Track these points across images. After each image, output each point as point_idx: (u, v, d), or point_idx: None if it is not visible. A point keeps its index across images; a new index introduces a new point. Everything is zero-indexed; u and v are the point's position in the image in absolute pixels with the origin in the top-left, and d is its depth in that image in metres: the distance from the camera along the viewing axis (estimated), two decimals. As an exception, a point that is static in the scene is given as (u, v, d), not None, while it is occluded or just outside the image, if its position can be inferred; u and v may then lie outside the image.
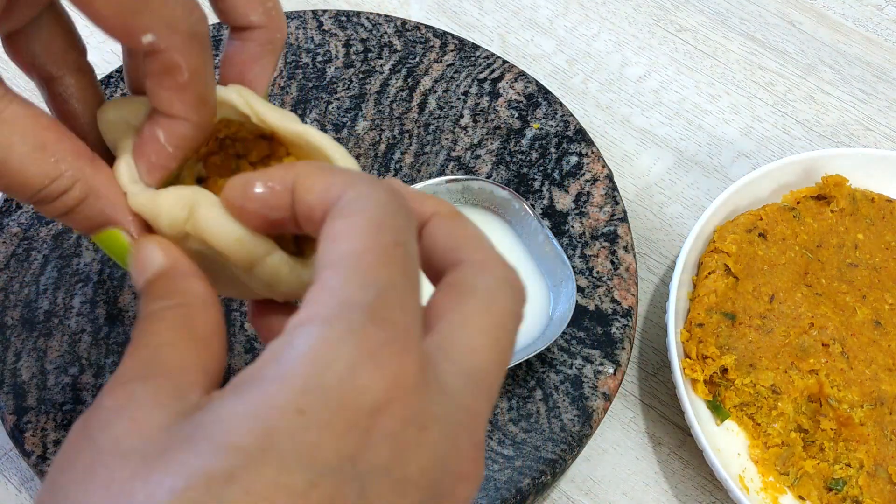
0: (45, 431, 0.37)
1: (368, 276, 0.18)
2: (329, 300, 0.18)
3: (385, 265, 0.18)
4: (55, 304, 0.40)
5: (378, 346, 0.17)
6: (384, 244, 0.19)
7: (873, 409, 0.39)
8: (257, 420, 0.16)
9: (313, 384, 0.16)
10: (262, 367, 0.17)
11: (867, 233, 0.44)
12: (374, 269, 0.18)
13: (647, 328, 0.44)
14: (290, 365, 0.17)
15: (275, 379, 0.17)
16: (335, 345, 0.17)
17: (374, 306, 0.18)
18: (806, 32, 0.55)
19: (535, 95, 0.48)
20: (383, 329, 0.18)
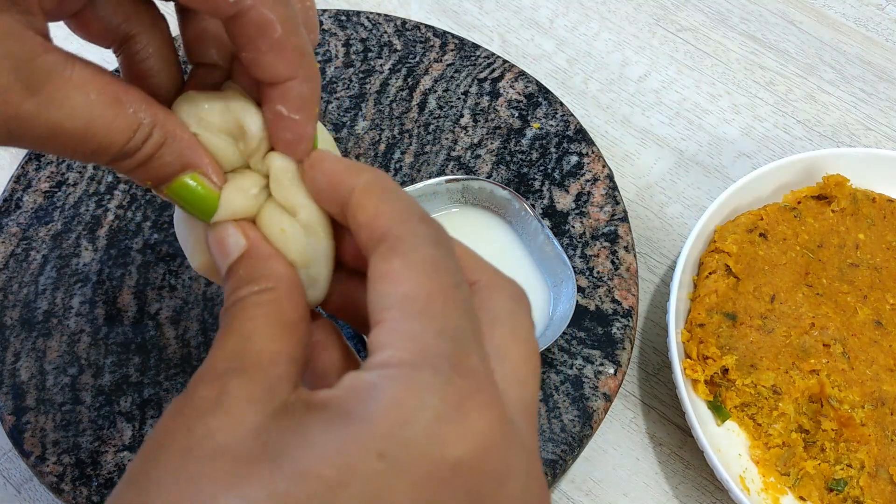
0: (45, 432, 0.37)
1: (441, 323, 0.19)
2: (409, 346, 0.18)
3: (452, 309, 0.19)
4: (54, 304, 0.40)
5: (463, 397, 0.18)
6: (445, 286, 0.19)
7: (874, 410, 0.38)
8: (340, 455, 0.17)
9: (398, 431, 0.17)
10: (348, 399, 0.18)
11: (868, 233, 0.44)
12: (444, 313, 0.19)
13: (647, 328, 0.44)
14: (376, 408, 0.17)
15: (361, 417, 0.17)
16: (421, 394, 0.17)
17: (455, 355, 0.18)
18: (807, 32, 0.55)
19: (535, 95, 0.48)
20: (466, 379, 0.18)
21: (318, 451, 0.17)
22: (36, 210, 0.43)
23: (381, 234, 0.20)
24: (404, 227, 0.20)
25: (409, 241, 0.20)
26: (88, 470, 0.36)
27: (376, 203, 0.21)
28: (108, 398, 0.38)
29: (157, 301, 0.40)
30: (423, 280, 0.19)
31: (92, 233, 0.42)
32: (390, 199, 0.21)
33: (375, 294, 0.19)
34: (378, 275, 0.20)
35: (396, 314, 0.19)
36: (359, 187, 0.21)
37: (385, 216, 0.20)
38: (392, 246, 0.20)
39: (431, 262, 0.19)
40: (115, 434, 0.37)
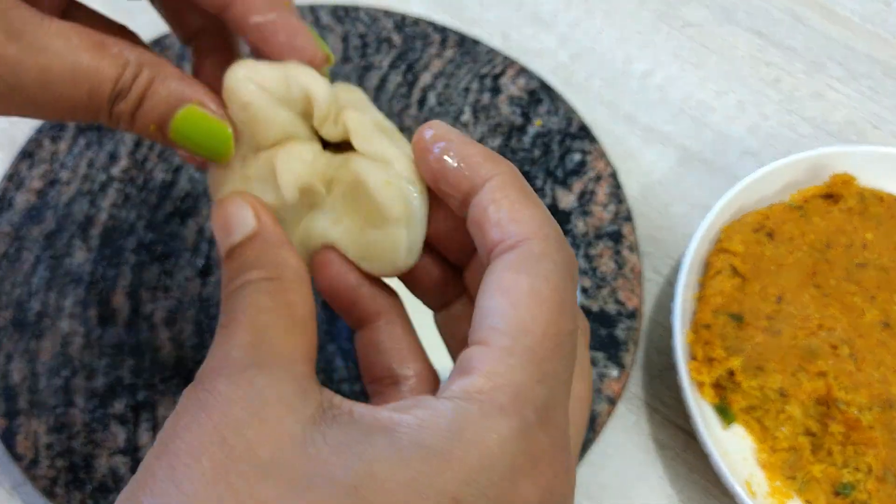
0: (37, 435, 0.37)
1: (545, 368, 0.18)
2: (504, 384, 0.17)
3: (559, 358, 0.18)
4: (47, 304, 0.40)
5: (541, 453, 0.17)
6: (563, 332, 0.18)
7: (882, 412, 0.38)
8: (415, 496, 0.16)
9: (476, 477, 0.16)
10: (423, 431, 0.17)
11: (876, 232, 0.43)
12: (550, 361, 0.18)
13: (652, 330, 0.44)
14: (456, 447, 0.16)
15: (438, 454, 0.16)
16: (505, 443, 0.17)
17: (546, 407, 0.17)
18: (813, 28, 0.54)
19: (537, 92, 0.47)
20: (549, 434, 0.17)
21: (389, 488, 0.16)
22: (28, 209, 0.42)
23: (514, 242, 0.19)
24: (542, 245, 0.19)
25: (544, 263, 0.18)
26: (82, 474, 0.36)
27: (513, 203, 0.19)
28: (102, 401, 0.37)
29: (152, 302, 0.40)
30: (545, 316, 0.18)
31: (85, 232, 0.42)
32: (530, 204, 0.20)
33: (489, 304, 0.18)
34: (499, 285, 0.18)
35: (503, 341, 0.18)
36: (496, 179, 0.20)
37: (524, 222, 0.19)
38: (525, 260, 0.18)
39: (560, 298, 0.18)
40: (108, 437, 0.37)
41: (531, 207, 0.20)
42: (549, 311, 0.18)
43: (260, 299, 0.19)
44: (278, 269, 0.20)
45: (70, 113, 0.21)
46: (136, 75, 0.21)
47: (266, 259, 0.20)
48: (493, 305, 0.18)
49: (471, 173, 0.20)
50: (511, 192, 0.20)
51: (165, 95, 0.21)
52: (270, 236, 0.21)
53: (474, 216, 0.20)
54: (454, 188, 0.21)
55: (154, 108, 0.21)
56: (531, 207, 0.20)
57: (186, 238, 0.42)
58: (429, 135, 0.21)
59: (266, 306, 0.19)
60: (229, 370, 0.18)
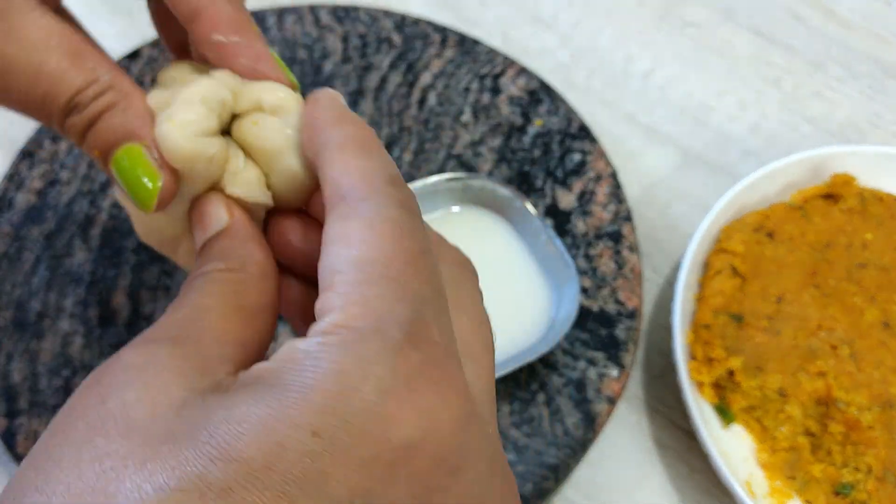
0: (37, 435, 0.36)
1: (402, 287, 0.16)
2: (360, 310, 0.16)
3: (415, 275, 0.17)
4: (47, 304, 0.40)
5: (415, 371, 0.16)
6: (411, 251, 0.17)
7: (882, 412, 0.38)
8: (267, 433, 0.14)
9: (336, 405, 0.15)
10: (282, 370, 0.16)
11: (876, 232, 0.43)
12: (406, 279, 0.17)
13: (652, 330, 0.44)
14: (313, 378, 0.15)
15: (294, 389, 0.15)
16: (367, 364, 0.15)
17: (412, 323, 0.16)
18: (814, 28, 0.54)
19: (537, 91, 0.47)
20: (421, 350, 0.16)
21: (240, 429, 0.15)
22: (28, 209, 0.42)
23: (343, 193, 0.18)
24: (369, 187, 0.18)
25: (372, 201, 0.18)
26: (82, 474, 0.36)
27: (347, 159, 0.19)
28: (102, 401, 0.37)
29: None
30: (384, 242, 0.17)
31: (85, 232, 0.42)
32: (362, 157, 0.19)
33: (328, 256, 0.17)
34: (333, 236, 0.18)
35: (350, 277, 0.17)
36: (335, 139, 0.19)
37: (352, 174, 0.18)
38: (353, 206, 0.18)
39: (395, 224, 0.17)
40: (108, 438, 0.37)
41: (362, 159, 0.19)
42: (390, 236, 0.17)
43: (211, 286, 0.19)
44: (241, 262, 0.20)
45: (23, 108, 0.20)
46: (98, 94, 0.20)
47: (231, 252, 0.20)
48: (332, 253, 0.17)
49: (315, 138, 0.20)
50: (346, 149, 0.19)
51: (118, 125, 0.21)
52: (240, 231, 0.21)
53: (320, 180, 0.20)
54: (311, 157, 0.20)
55: (103, 133, 0.21)
56: (362, 159, 0.19)
57: (186, 238, 0.42)
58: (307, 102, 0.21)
59: (213, 291, 0.19)
60: (141, 341, 0.17)
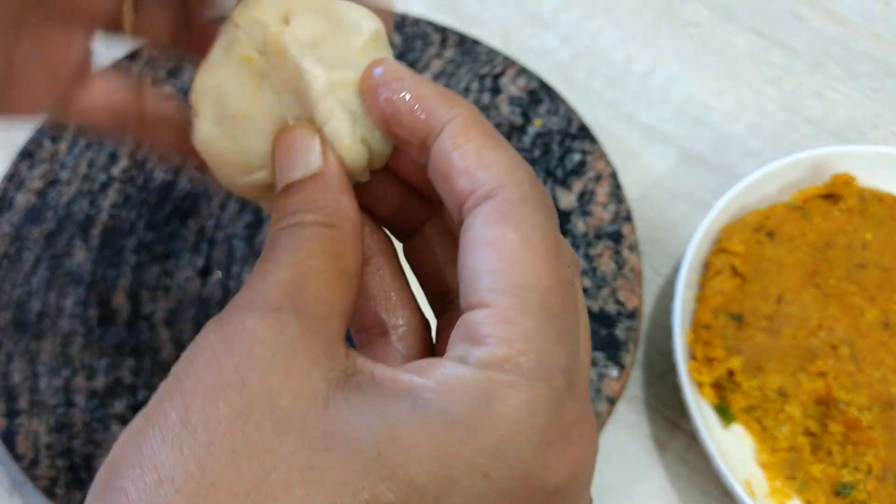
0: (37, 435, 0.36)
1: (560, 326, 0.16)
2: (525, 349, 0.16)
3: (568, 310, 0.17)
4: (47, 305, 0.40)
5: (571, 423, 0.16)
6: (563, 281, 0.17)
7: (882, 413, 0.38)
8: (441, 466, 0.15)
9: (507, 451, 0.15)
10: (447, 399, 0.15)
11: (876, 232, 0.43)
12: (563, 318, 0.17)
13: (652, 330, 0.44)
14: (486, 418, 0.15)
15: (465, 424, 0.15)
16: (536, 412, 0.16)
17: (570, 370, 0.16)
18: (814, 28, 0.54)
19: (537, 92, 0.47)
20: (577, 401, 0.17)
21: (413, 455, 0.15)
22: (28, 209, 0.42)
23: (488, 191, 0.17)
24: (518, 190, 0.17)
25: (525, 209, 0.17)
26: (82, 474, 0.36)
27: (478, 147, 0.18)
28: (102, 401, 0.37)
29: (152, 302, 0.40)
30: (543, 268, 0.16)
31: (85, 232, 0.42)
32: (497, 145, 0.18)
33: (478, 263, 0.17)
34: (484, 241, 0.17)
35: (512, 303, 0.16)
36: (456, 121, 0.18)
37: (493, 168, 0.17)
38: (504, 210, 0.17)
39: (553, 245, 0.17)
40: (108, 438, 0.37)
41: (498, 149, 0.18)
42: (546, 261, 0.17)
43: (311, 243, 0.18)
44: (337, 217, 0.18)
45: None
46: None
47: (326, 203, 0.18)
48: (483, 264, 0.17)
49: (427, 116, 0.18)
50: (474, 134, 0.18)
51: None
52: (334, 180, 0.19)
53: (437, 164, 0.18)
54: (410, 133, 0.19)
55: None
56: (498, 149, 0.18)
57: (186, 238, 0.42)
58: (377, 73, 0.19)
59: (316, 250, 0.18)
60: (262, 307, 0.16)
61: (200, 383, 0.15)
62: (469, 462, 0.15)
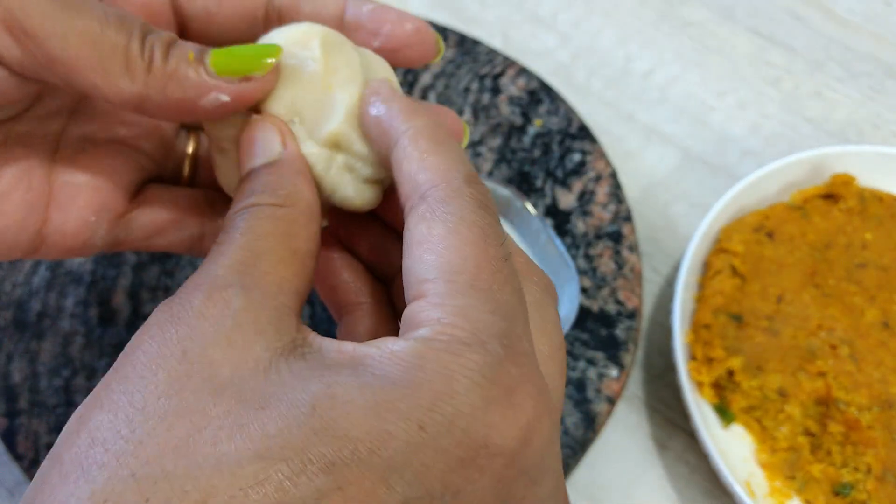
0: (38, 435, 0.36)
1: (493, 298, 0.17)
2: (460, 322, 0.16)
3: (503, 284, 0.17)
4: (47, 304, 0.40)
5: (515, 384, 0.16)
6: (494, 258, 0.17)
7: (882, 412, 0.38)
8: (376, 419, 0.15)
9: (444, 406, 0.15)
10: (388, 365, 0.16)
11: (876, 232, 0.43)
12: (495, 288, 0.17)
13: (652, 330, 0.44)
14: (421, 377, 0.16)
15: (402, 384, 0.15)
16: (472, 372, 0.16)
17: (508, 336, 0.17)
18: (814, 28, 0.54)
19: (537, 92, 0.47)
20: (518, 365, 0.17)
21: (349, 410, 0.15)
22: None
23: (423, 192, 0.18)
24: (449, 188, 0.18)
25: (454, 203, 0.18)
26: (82, 474, 0.36)
27: (422, 154, 0.18)
28: (102, 401, 0.37)
29: (152, 302, 0.40)
30: (470, 250, 0.17)
31: (86, 232, 0.42)
32: (439, 152, 0.19)
33: (414, 261, 0.18)
34: (417, 239, 0.18)
35: (442, 287, 0.17)
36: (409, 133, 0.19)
37: (430, 171, 0.18)
38: (433, 208, 0.18)
39: (479, 230, 0.18)
40: (109, 438, 0.37)
41: (439, 154, 0.19)
42: (474, 244, 0.17)
43: (263, 223, 0.18)
44: (291, 199, 0.19)
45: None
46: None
47: (281, 186, 0.19)
48: (418, 258, 0.18)
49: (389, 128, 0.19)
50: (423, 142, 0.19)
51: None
52: (292, 164, 0.20)
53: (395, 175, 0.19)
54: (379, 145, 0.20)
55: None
56: (439, 154, 0.19)
57: (187, 238, 0.42)
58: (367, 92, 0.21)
59: (267, 231, 0.18)
60: (210, 286, 0.17)
61: (143, 355, 0.16)
62: (405, 415, 0.15)
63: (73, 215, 0.22)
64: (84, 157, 0.22)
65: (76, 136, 0.22)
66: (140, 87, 0.19)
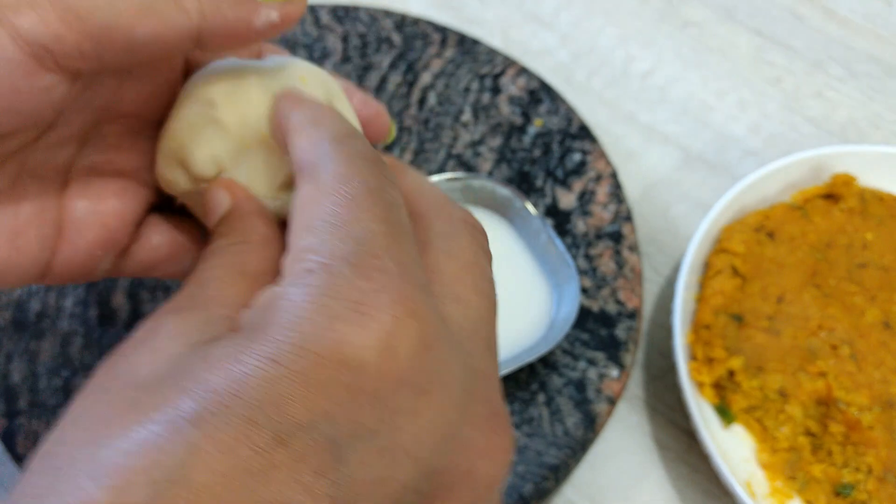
0: (37, 435, 0.36)
1: (345, 228, 0.17)
2: (308, 259, 0.17)
3: (362, 214, 0.17)
4: (47, 305, 0.39)
5: (364, 295, 0.16)
6: (356, 195, 0.18)
7: (882, 413, 0.38)
8: (234, 365, 0.15)
9: (291, 334, 0.16)
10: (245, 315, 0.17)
11: (876, 232, 0.43)
12: (350, 220, 0.17)
13: (652, 330, 0.44)
14: (272, 317, 0.16)
15: (258, 328, 0.16)
16: (316, 296, 0.16)
17: (358, 255, 0.17)
18: (814, 28, 0.54)
19: (537, 91, 0.47)
20: (371, 279, 0.16)
21: (213, 364, 0.16)
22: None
23: (299, 167, 0.19)
24: (315, 153, 0.19)
25: (321, 164, 0.19)
26: (81, 474, 0.36)
27: (301, 137, 0.20)
28: (102, 401, 0.37)
29: (152, 302, 0.40)
30: (326, 195, 0.18)
31: (85, 232, 0.42)
32: (315, 127, 0.20)
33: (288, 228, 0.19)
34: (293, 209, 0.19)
35: (302, 236, 0.18)
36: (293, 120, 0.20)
37: (305, 146, 0.19)
38: (304, 175, 0.19)
39: (341, 177, 0.18)
40: (108, 438, 0.37)
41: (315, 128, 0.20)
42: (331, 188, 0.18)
43: (214, 259, 0.20)
44: (245, 235, 0.20)
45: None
46: None
47: (234, 228, 0.21)
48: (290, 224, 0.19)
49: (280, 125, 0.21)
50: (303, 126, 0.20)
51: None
52: (242, 208, 0.21)
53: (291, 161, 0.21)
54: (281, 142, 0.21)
55: None
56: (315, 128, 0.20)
57: (186, 238, 0.42)
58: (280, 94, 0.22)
59: (216, 263, 0.20)
60: (149, 317, 0.18)
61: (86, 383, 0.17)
62: (259, 354, 0.15)
63: (82, 249, 0.22)
64: (93, 190, 0.23)
65: (84, 167, 0.23)
66: (197, 19, 0.19)
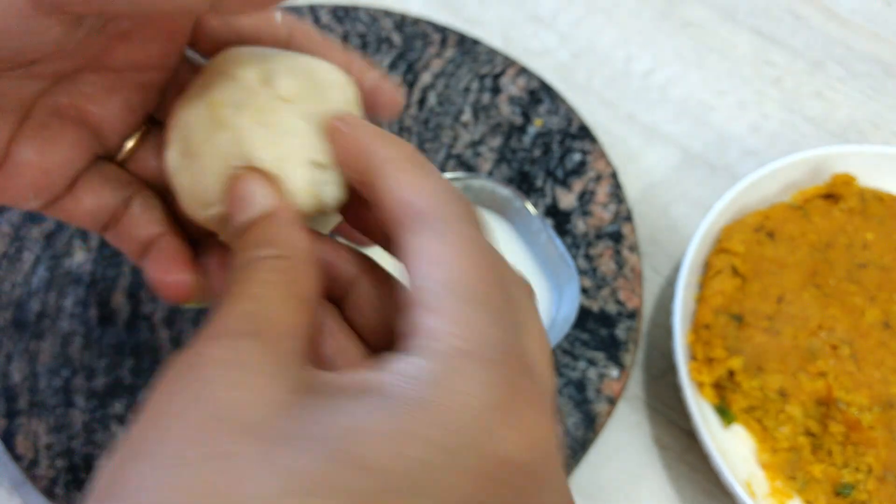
0: (37, 435, 0.36)
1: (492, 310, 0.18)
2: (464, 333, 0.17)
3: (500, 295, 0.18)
4: (47, 305, 0.39)
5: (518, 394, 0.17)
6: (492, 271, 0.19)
7: (882, 413, 0.38)
8: (399, 445, 0.16)
9: (464, 426, 0.16)
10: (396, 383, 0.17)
11: (877, 232, 0.43)
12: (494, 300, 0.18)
13: (652, 330, 0.44)
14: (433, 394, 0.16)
15: (418, 407, 0.16)
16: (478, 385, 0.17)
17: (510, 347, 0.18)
18: (814, 28, 0.54)
19: (537, 91, 0.47)
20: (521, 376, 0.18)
21: (370, 439, 0.15)
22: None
23: (417, 212, 0.19)
24: (444, 208, 0.19)
25: (450, 221, 0.19)
26: (82, 474, 0.36)
27: (411, 178, 0.20)
28: (102, 401, 0.37)
29: (151, 302, 0.40)
30: (469, 263, 0.18)
31: (85, 232, 0.42)
32: (426, 175, 0.20)
33: (418, 275, 0.19)
34: (418, 253, 0.19)
35: (444, 302, 0.18)
36: (392, 158, 0.20)
37: (422, 193, 0.20)
38: (432, 226, 0.19)
39: (476, 244, 0.19)
40: (108, 438, 0.37)
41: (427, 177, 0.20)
42: (471, 258, 0.19)
43: (268, 275, 0.19)
44: (290, 249, 0.20)
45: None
46: None
47: (279, 238, 0.20)
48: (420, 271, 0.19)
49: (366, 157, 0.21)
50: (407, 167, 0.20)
51: None
52: (286, 216, 0.21)
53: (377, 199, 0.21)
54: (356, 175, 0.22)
55: None
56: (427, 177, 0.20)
57: (186, 238, 0.42)
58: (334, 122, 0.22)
59: (270, 280, 0.19)
60: (225, 336, 0.18)
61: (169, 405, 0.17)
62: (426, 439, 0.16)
63: (16, 186, 0.23)
64: (48, 132, 0.23)
65: (48, 105, 0.23)
66: None
